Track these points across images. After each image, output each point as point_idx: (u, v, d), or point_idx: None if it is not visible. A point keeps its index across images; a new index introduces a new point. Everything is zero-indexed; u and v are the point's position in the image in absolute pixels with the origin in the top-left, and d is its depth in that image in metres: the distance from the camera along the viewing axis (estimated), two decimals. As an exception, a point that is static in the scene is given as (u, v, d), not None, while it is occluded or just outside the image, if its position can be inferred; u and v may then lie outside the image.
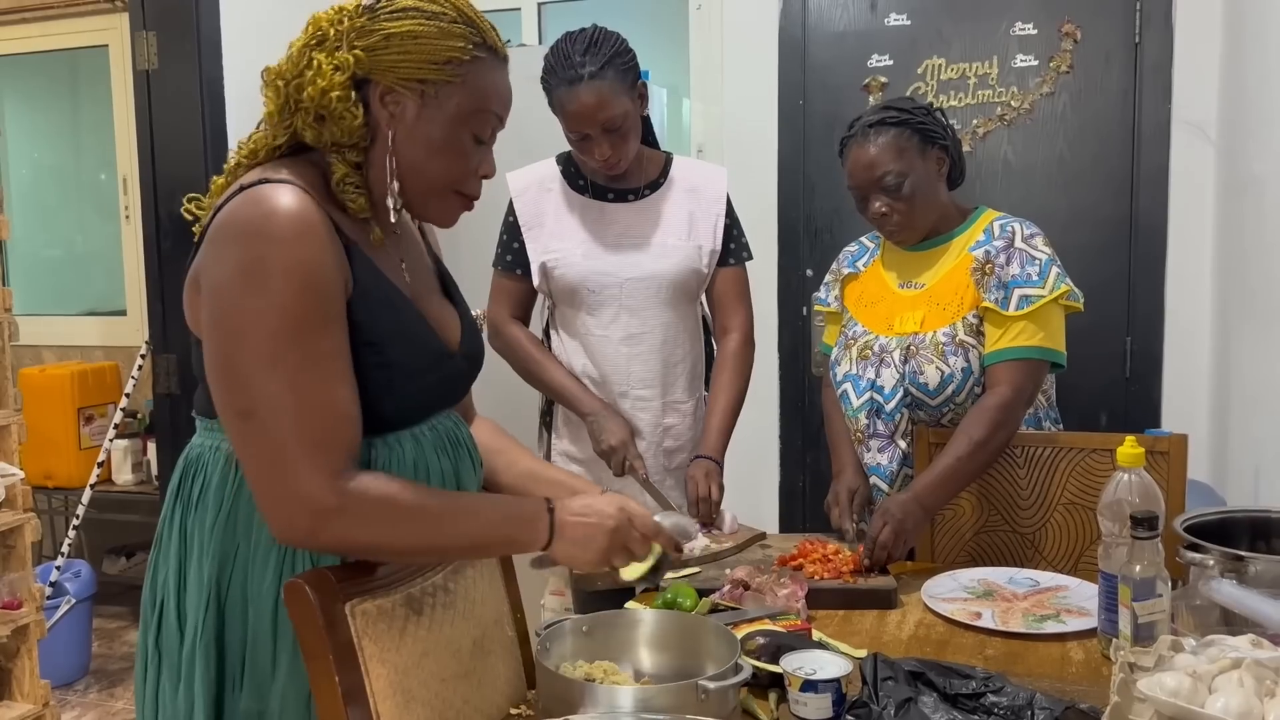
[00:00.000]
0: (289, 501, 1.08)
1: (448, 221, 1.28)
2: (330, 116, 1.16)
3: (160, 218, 3.34)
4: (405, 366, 1.19)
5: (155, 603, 1.24)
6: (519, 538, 1.19)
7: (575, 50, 1.94)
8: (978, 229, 1.93)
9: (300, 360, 1.08)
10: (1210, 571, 1.40)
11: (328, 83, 1.14)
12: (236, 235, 1.10)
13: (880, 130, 1.88)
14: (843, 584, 1.66)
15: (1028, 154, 3.14)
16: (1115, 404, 3.09)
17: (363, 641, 1.12)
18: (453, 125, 1.19)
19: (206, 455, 1.21)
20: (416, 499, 1.14)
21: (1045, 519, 1.91)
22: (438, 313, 1.31)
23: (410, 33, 1.15)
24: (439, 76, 1.17)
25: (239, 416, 1.10)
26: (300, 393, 1.08)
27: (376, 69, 1.16)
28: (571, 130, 1.99)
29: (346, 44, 1.16)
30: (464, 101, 1.19)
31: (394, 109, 1.17)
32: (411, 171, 1.20)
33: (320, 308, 1.10)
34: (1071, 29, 3.06)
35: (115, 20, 4.08)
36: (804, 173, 3.32)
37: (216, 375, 1.12)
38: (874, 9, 3.22)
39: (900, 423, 1.92)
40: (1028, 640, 1.49)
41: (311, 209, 1.11)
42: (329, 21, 1.18)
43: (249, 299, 1.08)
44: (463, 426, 1.33)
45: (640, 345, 2.09)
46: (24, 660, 2.71)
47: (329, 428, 1.10)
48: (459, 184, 1.23)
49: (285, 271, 1.08)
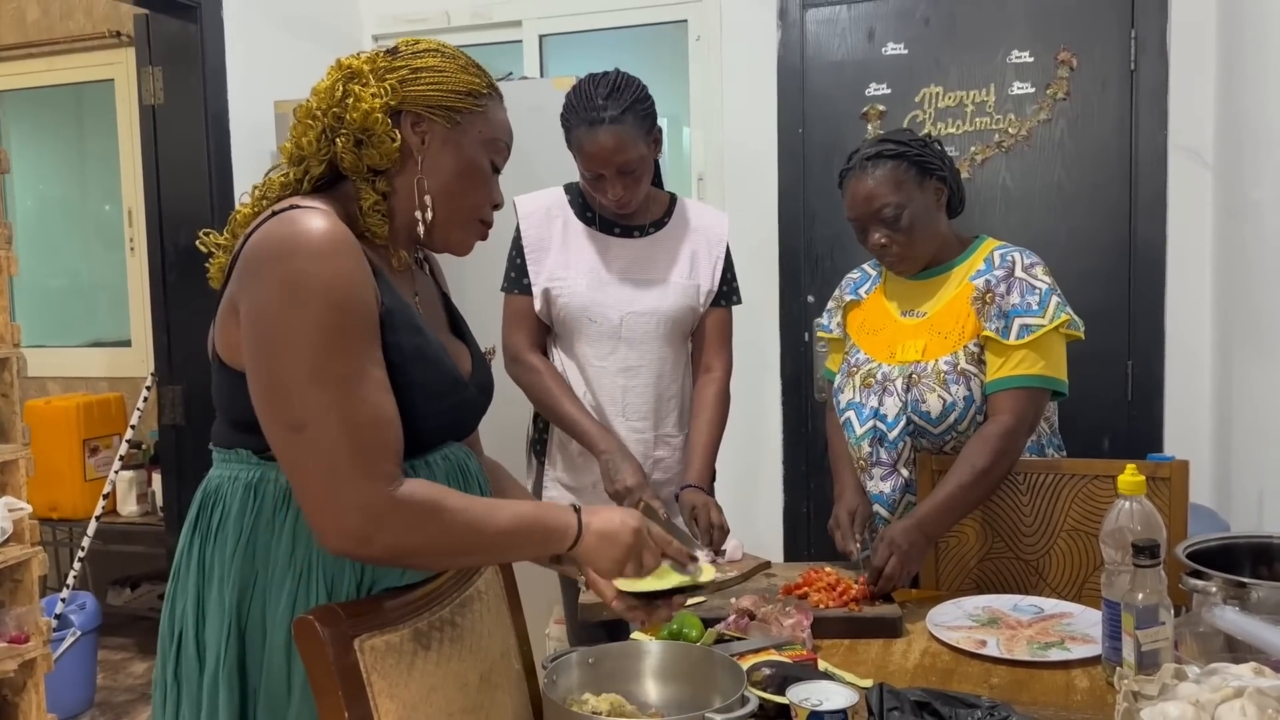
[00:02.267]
0: (345, 509, 1.10)
1: (465, 249, 1.34)
2: (370, 140, 1.22)
3: (165, 249, 3.36)
4: (424, 388, 1.22)
5: (174, 634, 1.24)
6: (552, 535, 1.23)
7: (599, 93, 1.99)
8: (978, 258, 1.95)
9: (345, 371, 1.11)
10: (1213, 598, 1.40)
11: (370, 105, 1.21)
12: (272, 255, 1.13)
13: (877, 163, 1.90)
14: (848, 613, 1.67)
15: (1026, 180, 3.16)
16: (1117, 428, 3.10)
17: (371, 677, 1.13)
18: (477, 151, 1.28)
19: (225, 486, 1.23)
20: (460, 499, 1.18)
21: (1049, 546, 1.92)
22: (450, 345, 1.34)
23: (435, 67, 1.25)
24: (464, 105, 1.26)
25: (290, 430, 1.11)
26: (348, 402, 1.10)
27: (408, 98, 1.24)
28: (587, 170, 2.03)
29: (375, 80, 1.23)
30: (485, 130, 1.28)
31: (424, 136, 1.25)
32: (439, 196, 1.27)
33: (360, 319, 1.13)
34: (1068, 56, 3.10)
35: (122, 55, 4.12)
36: (804, 200, 3.34)
37: (264, 392, 1.13)
38: (871, 38, 3.26)
39: (903, 451, 1.93)
40: (1032, 668, 1.49)
41: (343, 228, 1.16)
42: (365, 61, 1.26)
43: (291, 314, 1.10)
44: (473, 459, 1.36)
45: (637, 378, 2.12)
46: (31, 694, 2.71)
47: (378, 434, 1.12)
48: (481, 210, 1.31)
49: (325, 286, 1.11)
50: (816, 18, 3.31)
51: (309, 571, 1.19)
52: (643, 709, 1.31)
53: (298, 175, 1.25)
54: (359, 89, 1.22)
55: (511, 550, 1.26)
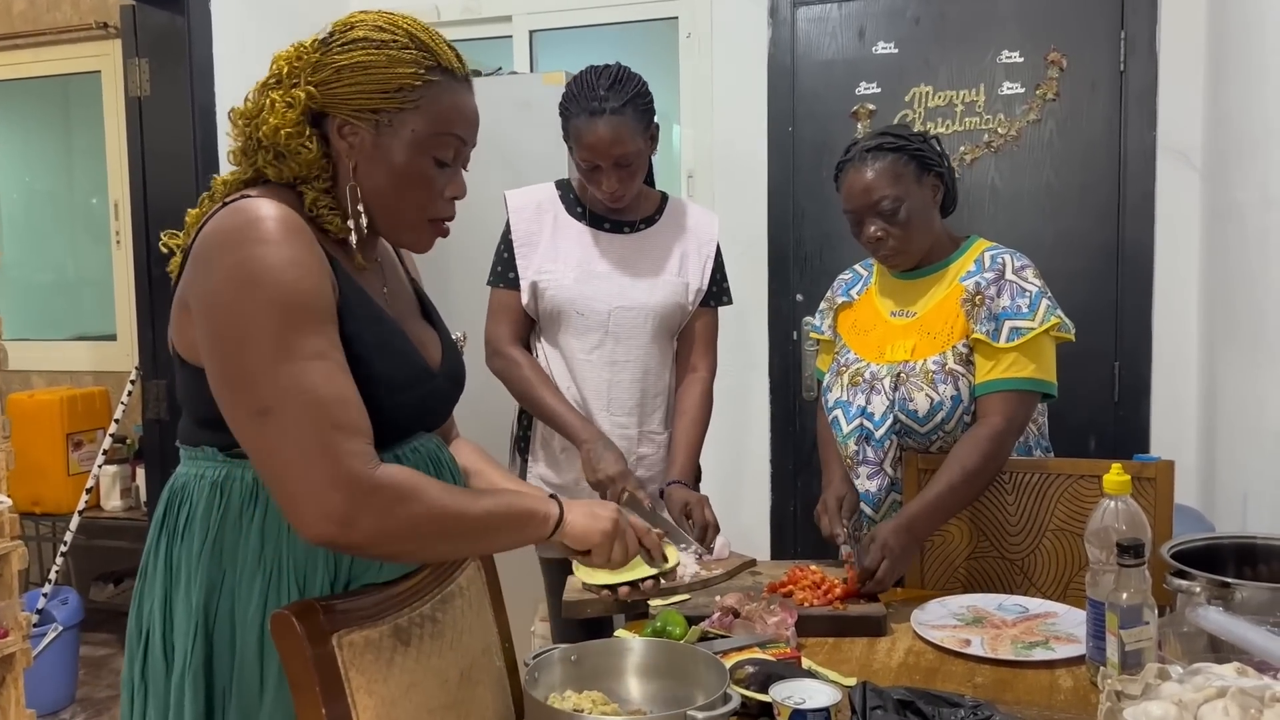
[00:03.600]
0: (323, 490, 1.06)
1: (422, 247, 1.29)
2: (287, 153, 1.17)
3: (151, 243, 3.34)
4: (389, 381, 1.20)
5: (141, 634, 1.23)
6: (536, 510, 1.23)
7: (600, 84, 1.99)
8: (969, 259, 1.95)
9: (308, 353, 1.08)
10: (1197, 598, 1.40)
11: (280, 120, 1.16)
12: (223, 243, 1.11)
13: (878, 155, 1.89)
14: (832, 611, 1.66)
15: (1015, 181, 3.16)
16: (1104, 429, 3.10)
17: (350, 673, 1.12)
18: (411, 152, 1.19)
19: (192, 484, 1.21)
20: (438, 484, 1.16)
21: (1035, 545, 1.92)
22: (417, 333, 1.32)
23: (359, 64, 1.17)
24: (391, 105, 1.18)
25: (255, 416, 1.08)
26: (317, 382, 1.08)
27: (330, 102, 1.18)
28: (584, 160, 2.02)
29: (303, 80, 1.18)
30: (420, 127, 1.19)
31: (352, 140, 1.19)
32: (377, 200, 1.21)
33: (315, 303, 1.11)
34: (1057, 57, 3.10)
35: (108, 47, 4.09)
36: (794, 199, 3.34)
37: (224, 383, 1.10)
38: (862, 37, 3.25)
39: (889, 450, 1.93)
40: (1016, 668, 1.49)
41: (294, 216, 1.13)
42: (286, 59, 1.20)
43: (244, 301, 1.08)
44: (444, 449, 1.34)
45: (623, 373, 2.11)
46: (10, 690, 2.69)
47: (348, 415, 1.09)
48: (426, 210, 1.23)
49: (278, 269, 1.08)
50: (807, 16, 3.30)
51: (279, 570, 1.17)
52: (625, 706, 1.30)
53: (239, 181, 1.22)
54: (277, 97, 1.17)
55: (493, 535, 1.23)
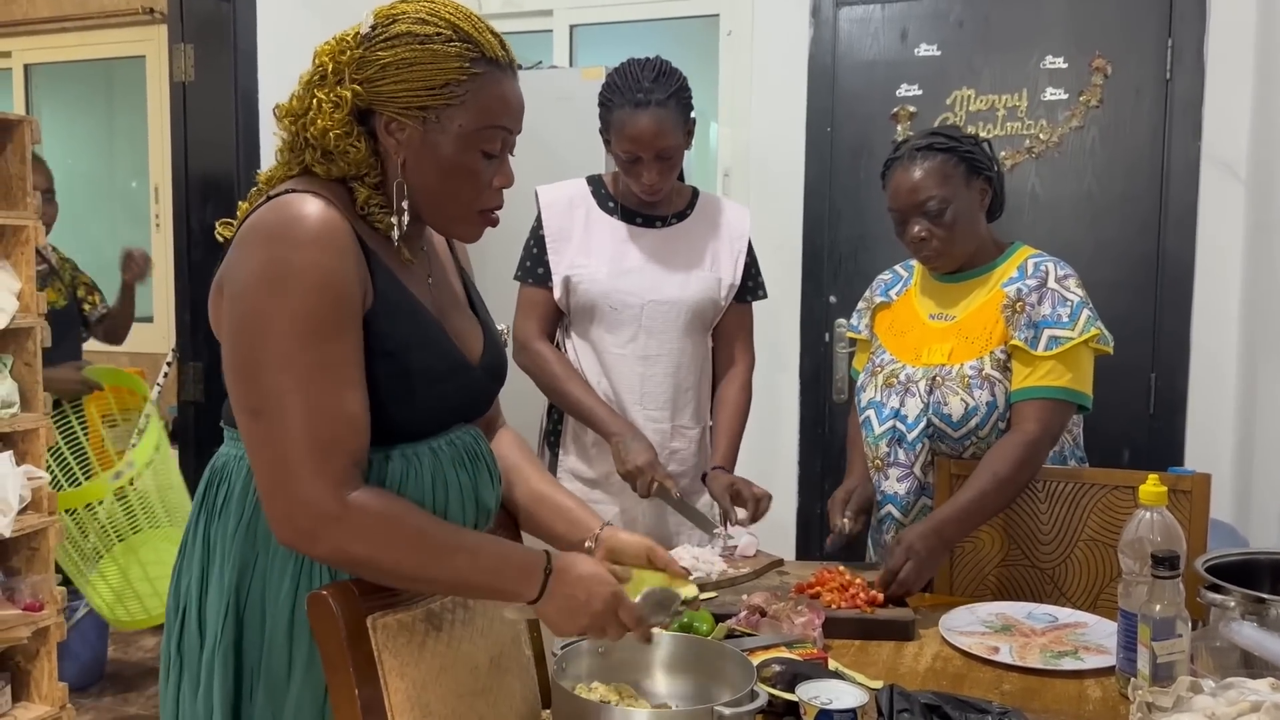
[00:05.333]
0: (291, 504, 1.09)
1: (472, 237, 1.30)
2: (335, 153, 1.18)
3: (191, 227, 3.39)
4: (424, 374, 1.20)
5: (178, 609, 1.25)
6: (509, 589, 1.17)
7: (645, 76, 2.00)
8: (1012, 265, 1.93)
9: (312, 363, 1.09)
10: (1231, 613, 1.39)
11: (327, 121, 1.17)
12: (260, 239, 1.13)
13: (927, 155, 1.88)
14: (860, 614, 1.66)
15: (1055, 187, 3.13)
16: (1138, 440, 3.07)
17: (383, 655, 1.13)
18: (459, 147, 1.19)
19: (232, 464, 1.23)
20: (418, 523, 1.14)
21: (1066, 554, 1.90)
22: (460, 327, 1.32)
23: (404, 60, 1.16)
24: (437, 101, 1.17)
25: (249, 414, 1.11)
26: (309, 395, 1.09)
27: (377, 100, 1.18)
28: (625, 151, 2.03)
29: (347, 77, 1.17)
30: (467, 121, 1.18)
31: (399, 136, 1.19)
32: (426, 195, 1.22)
33: (336, 313, 1.12)
34: (1102, 64, 3.07)
35: (153, 32, 4.14)
36: (830, 199, 3.33)
37: (232, 374, 1.13)
38: (904, 39, 3.24)
39: (921, 453, 1.92)
40: (1045, 676, 1.48)
41: (334, 217, 1.14)
42: (329, 55, 1.20)
43: (267, 300, 1.10)
44: (483, 441, 1.34)
45: (655, 367, 2.12)
46: (43, 662, 2.73)
47: (335, 433, 1.10)
48: (475, 202, 1.24)
49: (304, 274, 1.10)
50: (849, 16, 3.29)
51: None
52: (652, 700, 1.30)
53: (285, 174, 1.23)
54: (323, 96, 1.17)
55: (464, 588, 1.20)
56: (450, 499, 1.24)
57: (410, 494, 1.20)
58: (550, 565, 1.17)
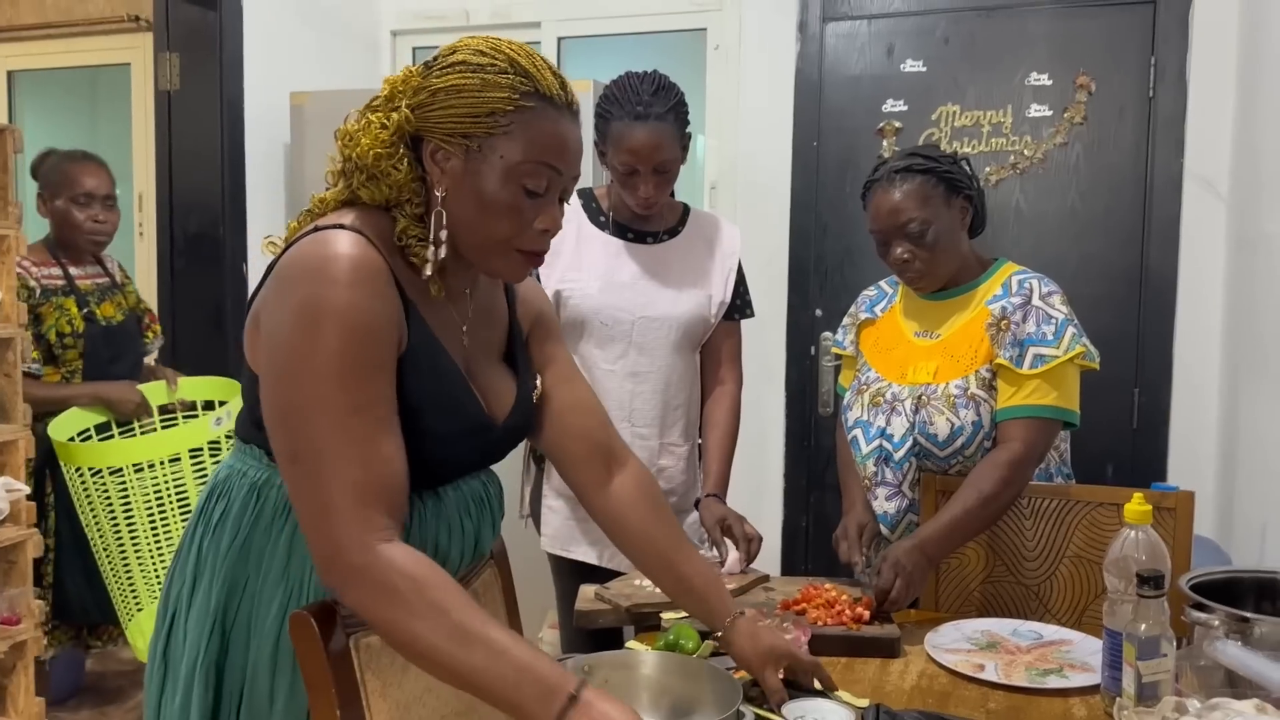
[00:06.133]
0: (327, 550, 1.07)
1: (514, 277, 1.26)
2: (378, 174, 1.17)
3: (175, 236, 3.36)
4: (441, 436, 1.19)
5: (168, 614, 1.25)
6: (524, 706, 1.04)
7: (644, 89, 2.00)
8: (996, 282, 1.93)
9: (347, 406, 1.08)
10: (1215, 632, 1.39)
11: (372, 140, 1.16)
12: (296, 275, 1.11)
13: (906, 176, 1.88)
14: (846, 631, 1.65)
15: (1039, 203, 3.15)
16: (1121, 456, 3.08)
17: (365, 675, 1.12)
18: (500, 179, 1.15)
19: (234, 479, 1.22)
20: (444, 598, 1.06)
21: (1051, 571, 1.90)
22: (489, 382, 1.29)
23: (454, 87, 1.15)
24: (480, 129, 1.15)
25: (288, 459, 1.10)
26: (343, 440, 1.07)
27: (425, 125, 1.16)
28: (622, 164, 2.02)
29: (402, 103, 1.17)
30: (510, 154, 1.15)
31: (444, 164, 1.17)
32: (465, 227, 1.18)
33: (371, 354, 1.10)
34: (1086, 81, 3.09)
35: (139, 40, 4.12)
36: (816, 213, 3.34)
37: (271, 416, 1.12)
38: (890, 54, 3.25)
39: (908, 472, 1.92)
40: (1030, 695, 1.48)
41: (372, 256, 1.12)
42: (393, 83, 1.19)
43: (301, 341, 1.08)
44: (491, 485, 1.33)
45: (645, 384, 2.11)
46: (20, 677, 2.69)
47: (370, 479, 1.08)
48: (514, 239, 1.19)
49: (338, 315, 1.08)
50: (836, 31, 3.30)
51: (301, 586, 1.17)
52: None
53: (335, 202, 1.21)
54: (375, 119, 1.16)
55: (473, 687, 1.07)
56: (452, 544, 1.24)
57: (412, 537, 1.17)
58: (578, 694, 1.04)
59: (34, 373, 2.75)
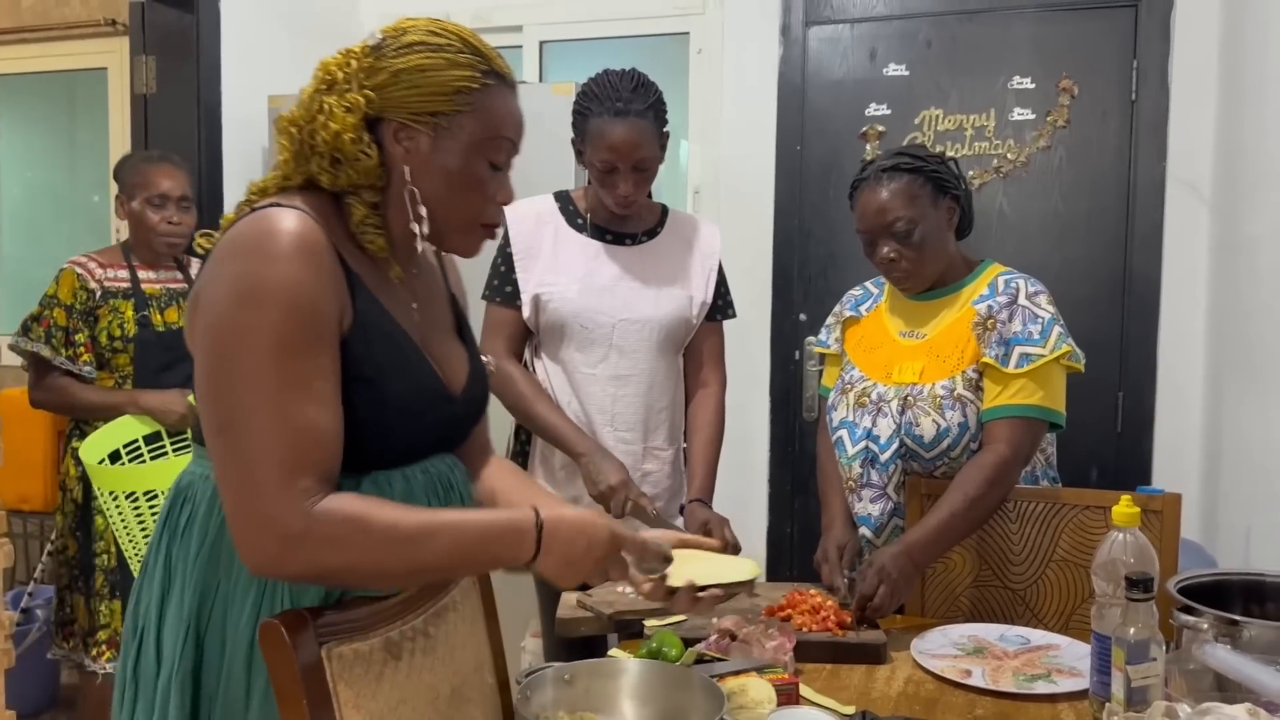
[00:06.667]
0: (256, 524, 1.05)
1: (471, 252, 1.28)
2: (345, 159, 1.16)
3: (152, 242, 3.32)
4: (402, 406, 1.18)
5: (136, 631, 1.21)
6: (503, 555, 1.14)
7: (624, 86, 1.98)
8: (982, 283, 1.92)
9: (280, 380, 1.07)
10: (1204, 635, 1.38)
11: (340, 125, 1.15)
12: (236, 252, 1.10)
13: (894, 176, 1.87)
14: (831, 637, 1.64)
15: (1023, 206, 3.15)
16: (1106, 460, 3.08)
17: (338, 686, 1.09)
18: (468, 154, 1.19)
19: (197, 484, 1.19)
20: (389, 517, 1.10)
21: (1038, 575, 1.89)
22: (444, 354, 1.29)
23: (418, 67, 1.16)
24: (450, 107, 1.17)
25: (216, 431, 1.09)
26: (274, 413, 1.06)
27: (388, 107, 1.16)
28: (601, 161, 2.00)
29: (356, 85, 1.16)
30: (477, 129, 1.18)
31: (408, 144, 1.18)
32: (432, 205, 1.19)
33: (309, 330, 1.09)
34: (1069, 84, 3.09)
35: (115, 44, 4.07)
36: (800, 217, 3.32)
37: (203, 389, 1.10)
38: (873, 58, 3.24)
39: (894, 474, 1.90)
40: (1018, 700, 1.46)
41: (314, 232, 1.11)
42: (337, 65, 1.18)
43: (239, 315, 1.07)
44: (458, 470, 1.31)
45: (627, 387, 2.08)
46: (-10, 688, 2.64)
47: (300, 449, 1.07)
48: (480, 214, 1.23)
49: (277, 290, 1.07)
50: (819, 35, 3.30)
51: (275, 586, 1.15)
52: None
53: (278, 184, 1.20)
54: (333, 101, 1.15)
55: (456, 569, 1.17)
56: None
57: None
58: (540, 521, 1.14)
59: (85, 376, 2.71)
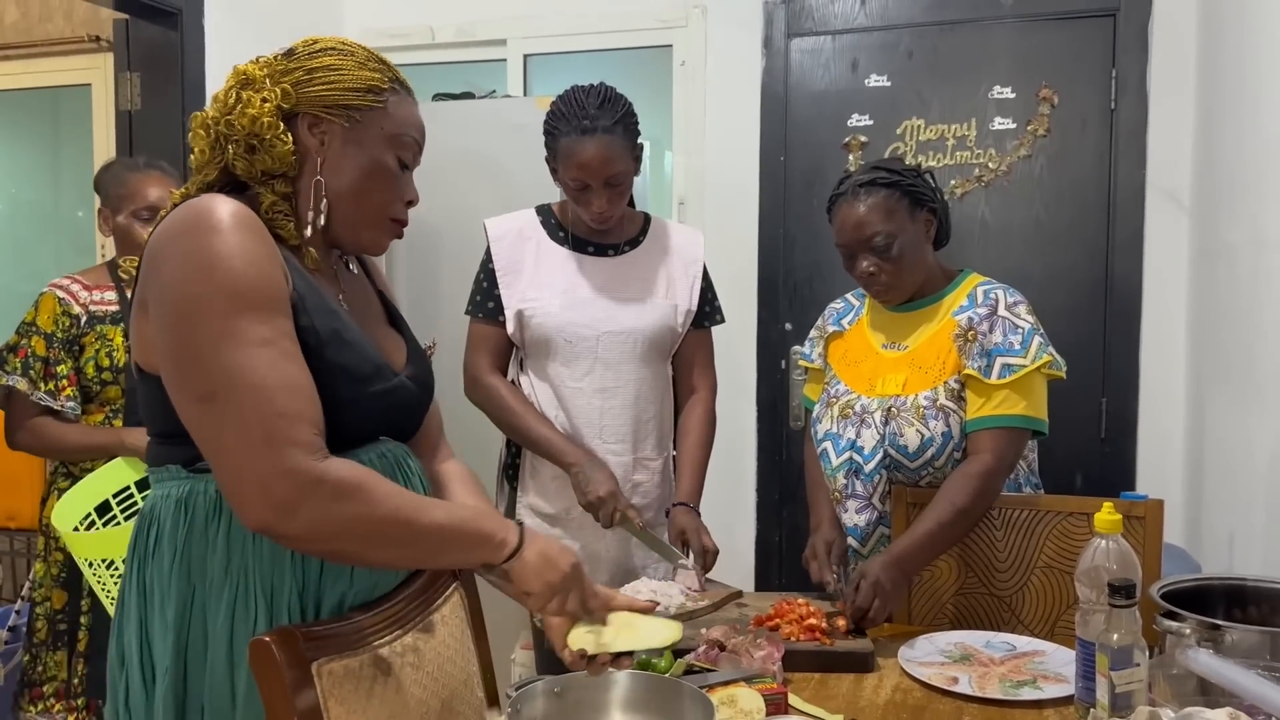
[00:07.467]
0: (264, 477, 1.04)
1: (378, 249, 1.31)
2: (261, 145, 1.19)
3: (137, 258, 3.32)
4: (346, 373, 1.18)
5: (121, 665, 1.20)
6: (491, 529, 1.19)
7: (590, 103, 1.98)
8: (961, 293, 1.94)
9: (255, 338, 1.07)
10: (1187, 640, 1.39)
11: (258, 110, 1.18)
12: (176, 235, 1.11)
13: (871, 190, 1.89)
14: (819, 646, 1.64)
15: (1004, 215, 3.17)
16: (1090, 466, 3.10)
17: (328, 703, 1.09)
18: (380, 148, 1.24)
19: (159, 505, 1.19)
20: (389, 486, 1.13)
21: (1023, 582, 1.90)
22: (381, 338, 1.32)
23: (331, 66, 1.22)
24: (363, 102, 1.23)
25: (200, 402, 1.07)
26: (259, 367, 1.06)
27: (303, 100, 1.21)
28: (573, 179, 2.00)
29: (272, 82, 1.21)
30: (388, 126, 1.24)
31: (322, 137, 1.22)
32: (342, 199, 1.24)
33: (266, 292, 1.10)
34: (1049, 93, 3.12)
35: (99, 60, 4.08)
36: (784, 227, 3.34)
37: (173, 366, 1.09)
38: (855, 69, 3.27)
39: (879, 484, 1.92)
40: (1005, 707, 1.47)
41: (247, 211, 1.14)
42: (253, 67, 1.23)
43: (197, 285, 1.08)
44: (412, 459, 1.32)
45: (614, 399, 2.09)
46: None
47: (293, 400, 1.07)
48: (390, 208, 1.27)
49: (229, 256, 1.09)
50: (801, 47, 3.32)
51: (246, 581, 1.15)
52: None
53: (199, 184, 1.22)
54: (250, 94, 1.20)
55: (442, 549, 1.18)
56: None
57: None
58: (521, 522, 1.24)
59: (67, 414, 2.29)
